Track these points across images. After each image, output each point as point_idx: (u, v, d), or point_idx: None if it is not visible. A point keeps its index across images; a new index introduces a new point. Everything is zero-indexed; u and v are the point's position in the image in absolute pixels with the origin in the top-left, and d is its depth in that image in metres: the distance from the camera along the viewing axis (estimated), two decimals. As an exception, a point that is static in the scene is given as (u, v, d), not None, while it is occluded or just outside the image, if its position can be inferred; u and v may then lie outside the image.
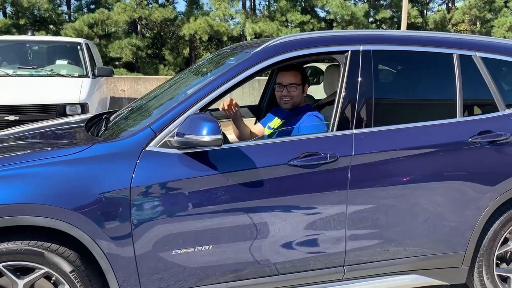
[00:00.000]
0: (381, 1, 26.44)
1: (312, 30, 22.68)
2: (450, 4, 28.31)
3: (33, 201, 2.09)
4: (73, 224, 2.14)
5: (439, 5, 29.07)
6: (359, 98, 2.54)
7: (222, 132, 2.46)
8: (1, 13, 21.63)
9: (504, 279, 2.88)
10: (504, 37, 24.65)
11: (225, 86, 2.42)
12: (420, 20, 25.26)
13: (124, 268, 2.26)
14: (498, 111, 2.75)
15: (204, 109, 2.42)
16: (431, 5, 28.65)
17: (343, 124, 2.52)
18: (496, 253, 2.80)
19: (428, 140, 2.59)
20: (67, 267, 2.20)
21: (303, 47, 2.58)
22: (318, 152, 2.42)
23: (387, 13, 24.35)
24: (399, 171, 2.54)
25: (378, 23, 25.72)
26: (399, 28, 20.75)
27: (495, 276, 2.82)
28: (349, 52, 2.58)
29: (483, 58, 2.79)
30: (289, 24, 22.90)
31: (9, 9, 21.55)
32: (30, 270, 2.19)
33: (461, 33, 28.37)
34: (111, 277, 2.26)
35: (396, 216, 2.57)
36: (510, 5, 25.30)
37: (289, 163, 2.37)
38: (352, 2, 25.53)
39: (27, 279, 2.18)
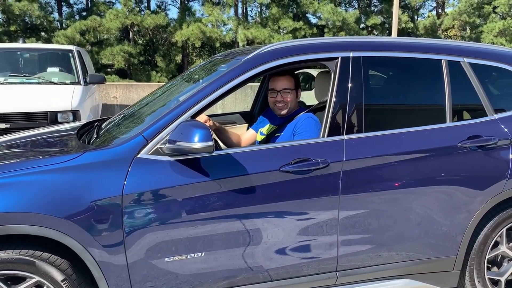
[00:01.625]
0: (372, 7, 26.68)
1: (304, 36, 22.81)
2: (440, 10, 28.59)
3: (24, 210, 2.08)
4: (64, 232, 2.13)
5: (429, 11, 29.34)
6: (349, 104, 2.56)
7: (214, 139, 2.47)
8: (-8, 20, 21.56)
9: (495, 283, 2.90)
10: (493, 43, 24.94)
11: (216, 93, 2.43)
12: (411, 25, 25.49)
13: (117, 276, 2.25)
14: (487, 116, 2.79)
15: (195, 116, 2.42)
16: (421, 11, 28.95)
17: (334, 129, 2.53)
18: (487, 256, 2.82)
19: (418, 145, 2.61)
20: (58, 276, 2.18)
21: (294, 54, 2.60)
22: (310, 158, 2.43)
23: (377, 19, 24.56)
24: (390, 176, 2.56)
25: (369, 29, 25.91)
26: (389, 34, 20.91)
27: (486, 280, 2.84)
28: (339, 58, 2.60)
29: (471, 64, 2.83)
30: (281, 31, 23.01)
31: (0, 16, 21.48)
32: (22, 279, 2.18)
33: (451, 38, 28.77)
34: (103, 285, 2.25)
35: (388, 221, 2.59)
36: (498, 11, 25.59)
37: (281, 169, 2.38)
38: (344, 8, 25.75)
39: (18, 288, 2.17)
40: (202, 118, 2.75)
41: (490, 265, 2.90)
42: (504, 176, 2.70)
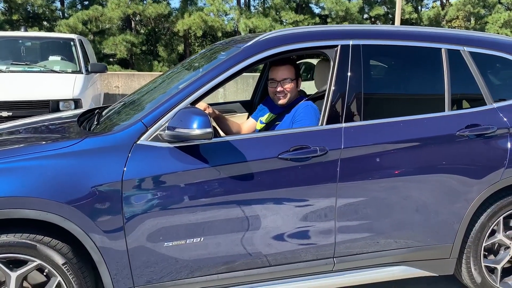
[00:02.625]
0: (376, -3, 26.53)
1: (307, 24, 22.73)
2: (444, 1, 28.40)
3: (26, 194, 2.11)
4: (65, 217, 2.16)
5: (433, 1, 29.17)
6: (348, 92, 2.57)
7: (214, 127, 2.48)
8: (-6, 9, 21.54)
9: (491, 270, 2.92)
10: (498, 33, 24.82)
11: (215, 81, 2.44)
12: (414, 16, 25.34)
13: (117, 261, 2.29)
14: (486, 105, 2.79)
15: (195, 103, 2.44)
16: (425, 1, 28.76)
17: (333, 117, 2.55)
18: (484, 244, 2.85)
19: (416, 133, 2.62)
20: (59, 260, 2.22)
21: (294, 42, 2.60)
22: (308, 145, 2.45)
23: (381, 10, 24.44)
24: (388, 164, 2.58)
25: (372, 19, 25.79)
26: (393, 24, 20.80)
27: (483, 267, 2.87)
28: (339, 46, 2.61)
29: (471, 53, 2.83)
30: (284, 21, 22.92)
31: (1, 5, 21.43)
32: (23, 263, 2.22)
33: (455, 29, 28.58)
34: (104, 269, 2.28)
35: (385, 209, 2.61)
36: (503, 1, 25.42)
37: (279, 156, 2.40)
38: (347, -2, 25.61)
39: (19, 271, 2.21)
40: (201, 105, 2.76)
41: (487, 253, 2.93)
42: (502, 165, 2.72)
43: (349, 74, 2.58)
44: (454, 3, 25.95)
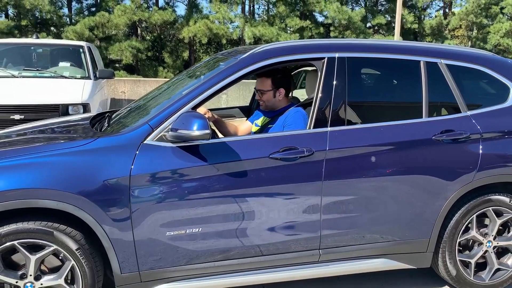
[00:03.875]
0: (379, 7, 26.84)
1: (311, 34, 23.05)
2: (447, 10, 28.66)
3: (46, 186, 2.41)
4: (79, 207, 2.45)
5: (436, 11, 29.43)
6: (334, 99, 2.86)
7: (213, 130, 2.76)
8: (3, 14, 21.99)
9: (466, 264, 3.18)
10: (499, 43, 25.08)
11: (214, 88, 2.74)
12: (416, 25, 25.58)
13: (124, 248, 2.57)
14: (461, 112, 3.07)
15: (196, 107, 2.73)
16: (428, 10, 29.02)
17: (320, 122, 2.83)
18: (459, 240, 3.10)
19: (395, 137, 2.90)
20: (73, 245, 2.50)
21: (285, 54, 2.90)
22: (296, 146, 2.73)
23: (383, 19, 24.71)
24: (369, 165, 2.85)
25: (375, 28, 26.10)
26: (394, 33, 21.04)
27: (457, 261, 3.12)
28: (326, 58, 2.90)
29: (447, 65, 3.11)
30: (288, 29, 23.27)
31: (11, 11, 21.89)
32: (41, 248, 2.50)
33: (458, 38, 28.83)
34: (112, 255, 2.57)
35: (367, 205, 2.88)
36: (505, 11, 25.66)
37: (270, 156, 2.68)
38: (350, 7, 25.92)
39: (38, 255, 2.49)
40: (201, 110, 3.05)
41: (462, 248, 3.19)
42: (474, 167, 2.98)
43: (334, 83, 2.87)
44: (457, 12, 26.20)
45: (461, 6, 26.90)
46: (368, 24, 25.71)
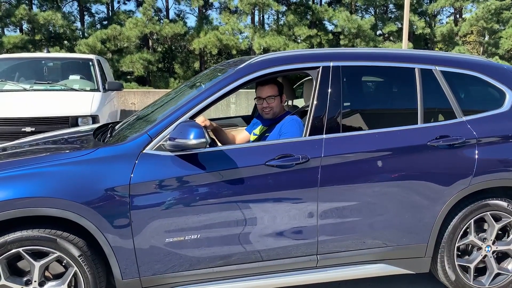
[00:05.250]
0: (389, 14, 26.86)
1: (320, 43, 23.14)
2: (458, 16, 28.56)
3: (49, 195, 2.50)
4: (81, 215, 2.54)
5: (447, 17, 29.34)
6: (329, 107, 2.92)
7: (212, 138, 2.83)
8: (18, 29, 22.49)
9: (465, 269, 3.19)
10: (511, 48, 24.90)
11: (211, 98, 2.82)
12: (428, 31, 25.52)
13: (126, 254, 2.64)
14: (456, 118, 3.10)
15: (194, 117, 2.81)
16: (439, 17, 28.94)
17: (315, 130, 2.89)
18: (457, 244, 3.12)
19: (390, 144, 2.94)
20: (76, 252, 2.59)
21: (281, 64, 2.97)
22: (292, 154, 2.79)
23: (394, 26, 24.70)
24: (365, 171, 2.90)
25: (386, 35, 26.10)
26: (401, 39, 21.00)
27: (456, 266, 3.14)
28: (321, 67, 2.96)
29: (442, 72, 3.15)
30: (298, 38, 23.39)
31: (25, 26, 22.38)
32: (45, 254, 2.59)
33: (469, 44, 28.67)
34: (113, 261, 2.65)
35: (363, 211, 2.92)
36: (518, 16, 25.49)
37: (267, 163, 2.75)
38: (360, 15, 25.99)
39: (42, 261, 2.58)
40: (200, 119, 3.13)
41: (461, 253, 3.20)
42: (470, 172, 3.00)
43: (329, 91, 2.93)
44: (468, 18, 26.09)
45: (471, 12, 26.81)
46: (379, 32, 25.72)
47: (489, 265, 3.21)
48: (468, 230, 3.15)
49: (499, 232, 3.21)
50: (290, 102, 4.34)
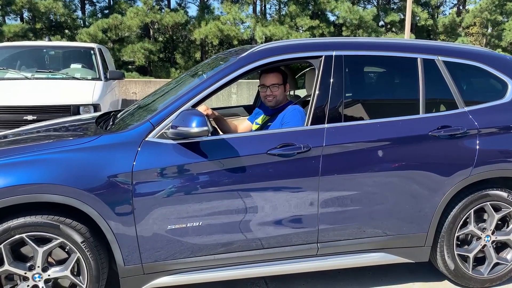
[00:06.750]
0: (391, 5, 26.71)
1: (322, 34, 23.04)
2: (461, 7, 28.40)
3: (53, 182, 2.52)
4: (84, 201, 2.56)
5: (450, 8, 29.18)
6: (331, 97, 2.92)
7: (214, 127, 2.84)
8: (19, 18, 22.39)
9: (464, 259, 3.22)
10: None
11: (213, 87, 2.83)
12: (430, 22, 25.40)
13: (128, 240, 2.66)
14: (458, 108, 3.11)
15: (196, 105, 2.82)
16: (442, 8, 28.79)
17: (317, 119, 2.89)
18: (457, 234, 3.14)
19: (391, 134, 2.95)
20: (78, 238, 2.61)
21: (283, 53, 2.97)
22: (294, 143, 2.80)
23: (396, 16, 24.59)
24: (366, 160, 2.91)
25: (388, 26, 25.98)
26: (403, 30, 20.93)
27: (456, 255, 3.16)
28: (323, 57, 2.96)
29: (445, 62, 3.15)
30: (299, 28, 23.30)
31: (26, 14, 22.29)
32: (48, 240, 2.61)
33: (472, 36, 28.54)
34: (116, 248, 2.67)
35: (363, 200, 2.93)
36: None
37: (268, 152, 2.76)
38: (362, 6, 25.85)
39: (45, 247, 2.60)
40: (202, 107, 3.14)
41: (460, 243, 3.22)
42: (471, 162, 3.02)
43: (331, 81, 2.93)
44: (471, 10, 25.95)
45: (475, 3, 26.66)
46: (381, 22, 25.60)
47: (488, 255, 3.23)
48: (468, 220, 3.17)
49: (499, 222, 3.23)
50: (292, 92, 4.34)
